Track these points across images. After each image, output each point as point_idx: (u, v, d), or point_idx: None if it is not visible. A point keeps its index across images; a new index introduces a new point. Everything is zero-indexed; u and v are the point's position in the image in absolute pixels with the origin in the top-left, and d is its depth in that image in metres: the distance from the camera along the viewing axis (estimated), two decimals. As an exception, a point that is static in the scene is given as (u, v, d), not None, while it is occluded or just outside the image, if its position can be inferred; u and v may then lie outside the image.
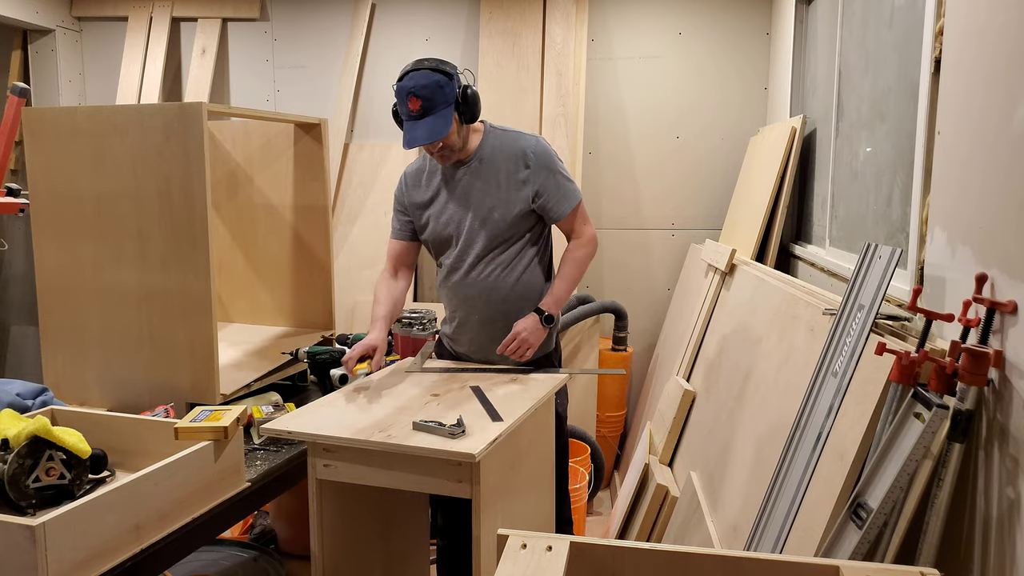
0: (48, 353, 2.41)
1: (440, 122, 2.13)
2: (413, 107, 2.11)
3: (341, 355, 2.43)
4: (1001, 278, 1.41)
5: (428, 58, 2.17)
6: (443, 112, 2.13)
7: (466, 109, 2.18)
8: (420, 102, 2.10)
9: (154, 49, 4.63)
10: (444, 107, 2.13)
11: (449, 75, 2.14)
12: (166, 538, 1.66)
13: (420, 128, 2.12)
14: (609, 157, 4.34)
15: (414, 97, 2.10)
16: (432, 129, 2.12)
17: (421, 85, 2.10)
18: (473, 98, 2.18)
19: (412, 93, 2.10)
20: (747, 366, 2.54)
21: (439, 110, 2.12)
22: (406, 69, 2.16)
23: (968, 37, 1.61)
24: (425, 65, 2.14)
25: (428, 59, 2.16)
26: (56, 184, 2.32)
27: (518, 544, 1.18)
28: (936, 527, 1.41)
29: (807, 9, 3.59)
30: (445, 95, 2.13)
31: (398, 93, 2.15)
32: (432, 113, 2.12)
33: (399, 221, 2.44)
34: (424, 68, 2.13)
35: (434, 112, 2.12)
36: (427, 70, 2.12)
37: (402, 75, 2.16)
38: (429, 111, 2.11)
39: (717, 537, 2.30)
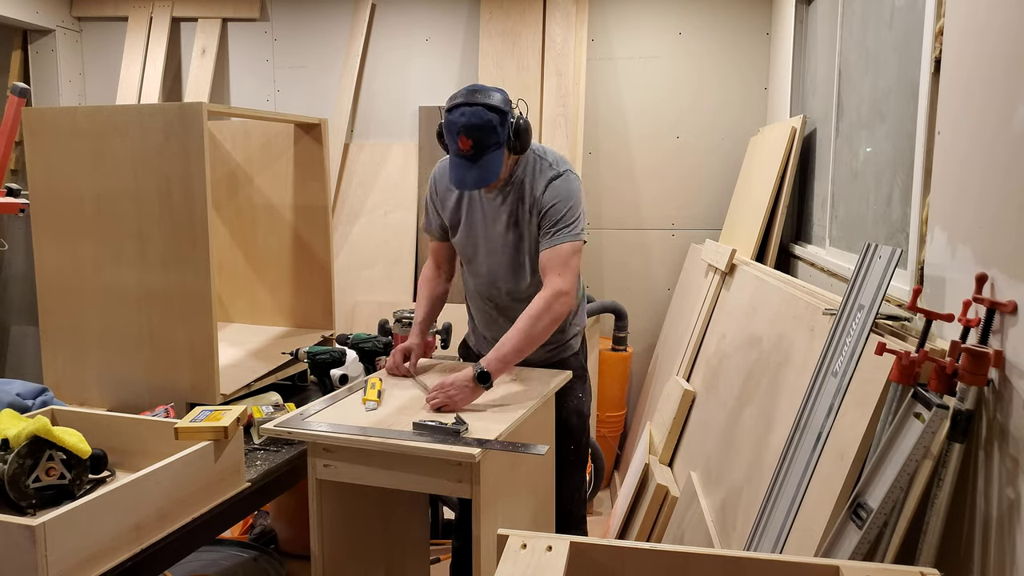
0: (48, 353, 2.41)
1: (492, 165, 2.02)
2: (463, 146, 2.00)
3: (341, 355, 2.43)
4: (1001, 278, 1.41)
5: (481, 90, 2.03)
6: (495, 155, 2.02)
7: (517, 143, 2.06)
8: (471, 143, 1.99)
9: (154, 49, 4.63)
10: (496, 149, 2.02)
11: (503, 112, 2.01)
12: (166, 538, 1.66)
13: (471, 171, 2.02)
14: (609, 157, 4.34)
15: (464, 137, 1.99)
16: (483, 174, 2.03)
17: (473, 125, 1.98)
18: (524, 130, 2.06)
19: (462, 132, 1.99)
20: (747, 366, 2.54)
21: (491, 152, 2.01)
22: (457, 100, 2.02)
23: (968, 37, 1.61)
24: (478, 100, 2.00)
25: (482, 91, 2.03)
26: (56, 184, 2.32)
27: (518, 544, 1.18)
28: (936, 527, 1.41)
29: (807, 9, 3.59)
30: (498, 136, 2.01)
31: (448, 127, 2.02)
32: (484, 155, 2.01)
33: (433, 221, 2.37)
34: (477, 103, 1.99)
35: (486, 154, 2.01)
36: (481, 107, 1.99)
37: (452, 105, 2.02)
38: (481, 154, 2.01)
39: (717, 537, 2.31)
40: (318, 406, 2.00)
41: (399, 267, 4.38)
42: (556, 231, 2.12)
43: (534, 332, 2.05)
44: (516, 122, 2.06)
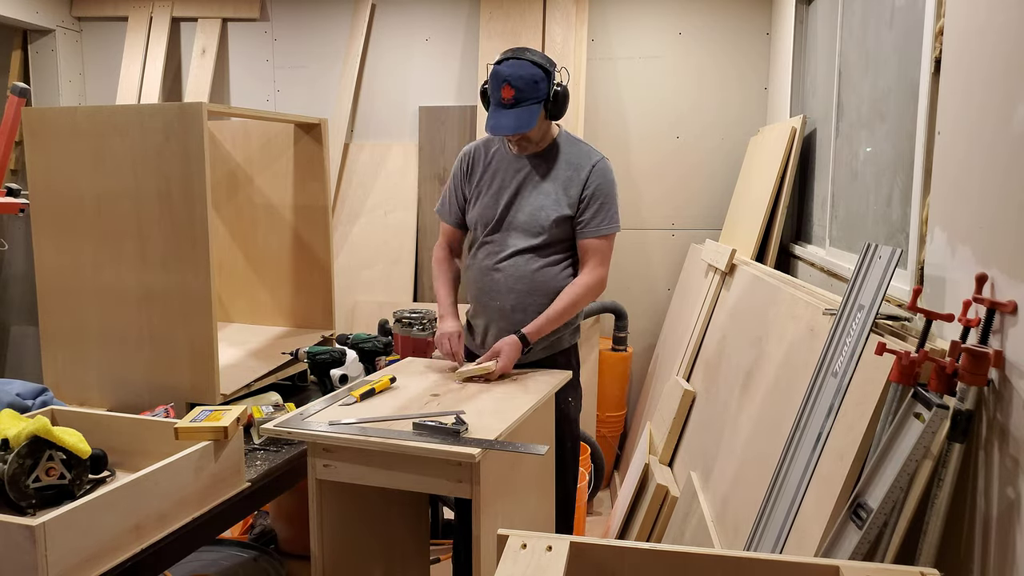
0: (48, 353, 2.41)
1: (528, 116, 2.16)
2: (506, 95, 2.14)
3: (341, 355, 2.44)
4: (1001, 278, 1.41)
5: (530, 48, 2.21)
6: (532, 107, 2.16)
7: (554, 107, 2.21)
8: (513, 92, 2.13)
9: (154, 49, 4.63)
10: (535, 102, 2.16)
11: (547, 72, 2.18)
12: (166, 538, 1.66)
13: (507, 117, 2.15)
14: (609, 157, 4.30)
15: (508, 85, 2.13)
16: (519, 122, 2.15)
17: (518, 75, 2.14)
18: (563, 97, 2.21)
19: (508, 81, 2.13)
20: (747, 366, 2.54)
21: (529, 103, 2.16)
22: (506, 55, 2.19)
23: (968, 37, 1.61)
24: (526, 56, 2.17)
25: (530, 50, 2.20)
26: (56, 184, 2.32)
27: (518, 544, 1.18)
28: (936, 527, 1.41)
29: (807, 9, 3.59)
30: (538, 90, 2.16)
31: (493, 76, 2.18)
32: (521, 105, 2.15)
33: (452, 203, 2.45)
34: (525, 59, 2.16)
35: (524, 104, 2.15)
36: (527, 62, 2.16)
37: (501, 59, 2.19)
38: (520, 103, 2.15)
39: (717, 537, 2.30)
40: (318, 406, 2.00)
41: (399, 267, 4.38)
42: (598, 219, 2.29)
43: (569, 310, 2.29)
44: (557, 86, 2.21)
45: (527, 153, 2.32)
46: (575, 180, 2.29)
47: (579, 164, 2.30)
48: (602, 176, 2.30)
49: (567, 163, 2.31)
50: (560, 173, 2.30)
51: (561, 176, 2.30)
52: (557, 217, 2.28)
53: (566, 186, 2.29)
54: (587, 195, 2.28)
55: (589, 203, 2.28)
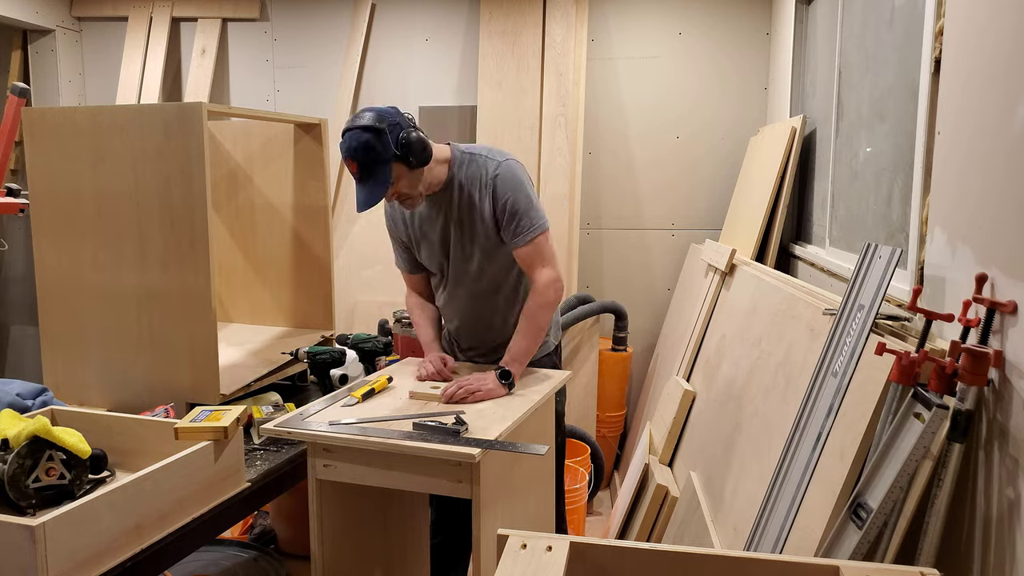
0: (48, 353, 2.41)
1: (377, 186, 2.04)
2: (352, 171, 2.04)
3: (341, 355, 2.44)
4: (1001, 278, 1.41)
5: (361, 112, 2.06)
6: (380, 173, 2.03)
7: (412, 156, 2.05)
8: (356, 165, 2.03)
9: (154, 49, 4.63)
10: (380, 166, 2.03)
11: (379, 131, 2.01)
12: (166, 538, 1.66)
13: (361, 193, 2.05)
14: (609, 157, 4.34)
15: (349, 160, 2.03)
16: (370, 195, 2.04)
17: (352, 148, 2.01)
18: (416, 144, 2.05)
19: (347, 157, 2.03)
20: (747, 366, 2.54)
21: (375, 171, 2.03)
22: (346, 126, 2.06)
23: (968, 37, 1.61)
24: (357, 123, 2.03)
25: (360, 114, 2.06)
26: (56, 184, 2.32)
27: (518, 544, 1.18)
28: (936, 527, 1.41)
29: (807, 9, 3.59)
30: (377, 155, 2.01)
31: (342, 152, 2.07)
32: (370, 177, 2.03)
33: (401, 254, 2.41)
34: (355, 128, 2.02)
35: (371, 176, 2.03)
36: (357, 130, 2.02)
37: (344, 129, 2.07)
38: (366, 175, 2.03)
39: (717, 537, 2.30)
40: (318, 406, 2.00)
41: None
42: (523, 225, 2.18)
43: (538, 323, 2.19)
44: (402, 136, 2.04)
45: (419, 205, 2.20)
46: (483, 198, 2.19)
47: (479, 180, 2.19)
48: (504, 182, 2.17)
49: (471, 184, 2.20)
50: (471, 196, 2.20)
51: (474, 198, 2.20)
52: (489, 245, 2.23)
53: (479, 207, 2.20)
54: (499, 207, 2.18)
55: (505, 215, 2.18)
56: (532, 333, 2.18)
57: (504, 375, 2.09)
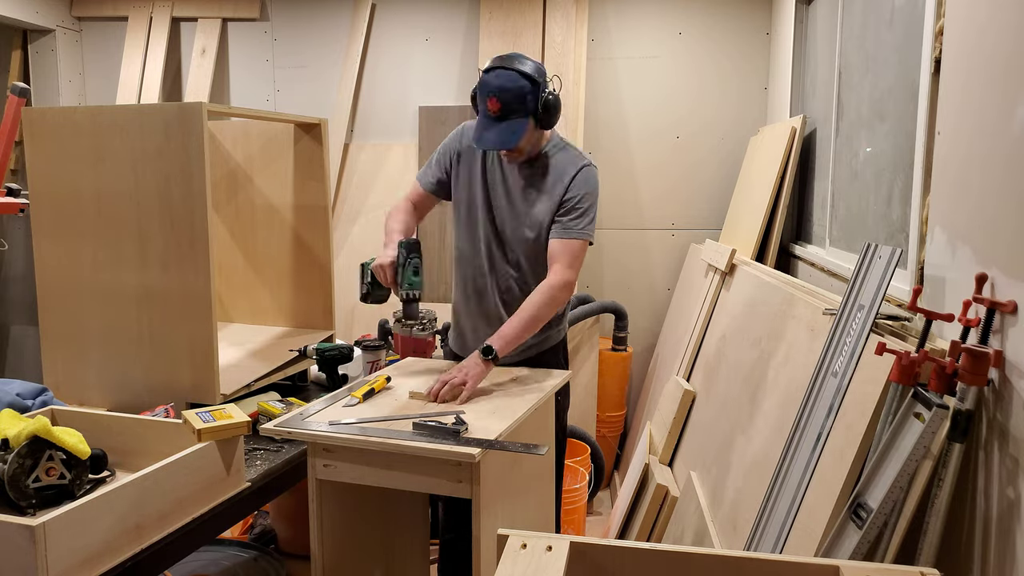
0: (48, 353, 2.41)
1: (513, 131, 2.08)
2: (492, 108, 2.06)
3: (349, 351, 2.45)
4: (1001, 278, 1.41)
5: (519, 57, 2.10)
6: (519, 121, 2.08)
7: (544, 117, 2.12)
8: (500, 106, 2.05)
9: (154, 49, 4.63)
10: (521, 116, 2.08)
11: (536, 82, 2.08)
12: (166, 538, 1.66)
13: (492, 132, 2.08)
14: (609, 157, 4.34)
15: (494, 98, 2.05)
16: (503, 138, 2.08)
17: (504, 88, 2.05)
18: (554, 106, 2.12)
19: (493, 94, 2.05)
20: (747, 366, 2.54)
21: (515, 118, 2.07)
22: (495, 63, 2.09)
23: (968, 37, 1.61)
24: (515, 66, 2.07)
25: (519, 58, 2.09)
26: (56, 184, 2.32)
27: (518, 544, 1.18)
28: (936, 527, 1.41)
29: (807, 9, 3.59)
30: (525, 104, 2.07)
31: (481, 86, 2.09)
32: (508, 119, 2.07)
33: (434, 170, 2.37)
34: (513, 69, 2.06)
35: (510, 118, 2.07)
36: (515, 72, 2.06)
37: (489, 67, 2.09)
38: (506, 116, 2.07)
39: (717, 537, 2.30)
40: (318, 406, 2.00)
41: (399, 267, 4.38)
42: (574, 223, 2.20)
43: (537, 316, 2.15)
44: (547, 96, 2.11)
45: (517, 161, 2.25)
46: (557, 186, 2.22)
47: (565, 171, 2.23)
48: (585, 182, 2.21)
49: (554, 170, 2.24)
50: (547, 181, 2.23)
51: (547, 184, 2.23)
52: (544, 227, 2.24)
53: (551, 195, 2.23)
54: (567, 198, 2.20)
55: (567, 206, 2.20)
56: (528, 323, 2.14)
57: (486, 351, 2.06)
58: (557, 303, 2.18)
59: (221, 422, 1.81)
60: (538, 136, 2.21)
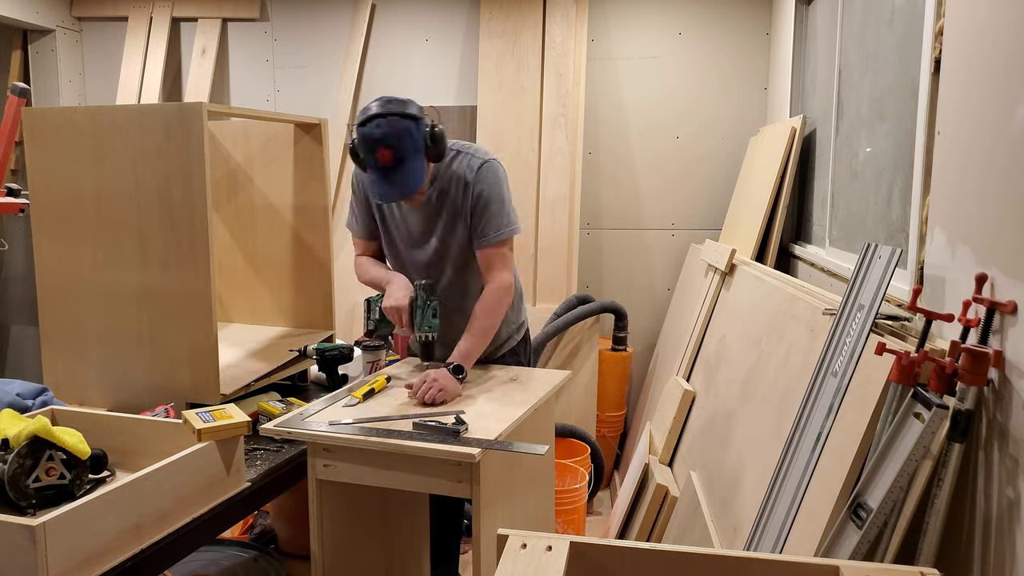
0: (48, 353, 2.41)
1: (414, 174, 2.02)
2: (383, 158, 1.98)
3: (350, 351, 2.45)
4: (1001, 278, 1.41)
5: (392, 99, 2.02)
6: (414, 164, 2.01)
7: (434, 150, 2.06)
8: (390, 153, 1.97)
9: (154, 49, 4.63)
10: (415, 155, 2.01)
11: (416, 119, 2.02)
12: (166, 538, 1.66)
13: (393, 183, 2.01)
14: (609, 157, 4.34)
15: (382, 148, 1.97)
16: (404, 188, 2.02)
17: (389, 135, 1.96)
18: (440, 137, 2.06)
19: (380, 143, 1.97)
20: (747, 366, 2.54)
21: (410, 160, 2.00)
22: (370, 112, 2.00)
23: (968, 37, 1.61)
24: (392, 110, 1.98)
25: (393, 101, 2.01)
26: (56, 184, 2.32)
27: (518, 544, 1.18)
28: (936, 527, 1.41)
29: (807, 9, 3.59)
30: (415, 143, 2.00)
31: (363, 140, 1.99)
32: (404, 164, 2.00)
33: (361, 216, 2.35)
34: (393, 114, 1.98)
35: (407, 163, 2.00)
36: (396, 116, 1.98)
37: (366, 118, 1.99)
38: (401, 163, 1.99)
39: (717, 537, 2.31)
40: (318, 406, 2.00)
41: (399, 267, 4.38)
42: (490, 228, 2.19)
43: (488, 324, 2.20)
44: (432, 129, 2.04)
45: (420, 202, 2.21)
46: (459, 197, 2.19)
47: (459, 179, 2.18)
48: (483, 182, 2.16)
49: (454, 182, 2.19)
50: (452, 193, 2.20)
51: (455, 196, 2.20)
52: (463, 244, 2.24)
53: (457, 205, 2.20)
54: (473, 205, 2.18)
55: (476, 213, 2.18)
56: (481, 333, 2.19)
57: (457, 370, 2.10)
58: (504, 305, 2.22)
59: (221, 422, 1.81)
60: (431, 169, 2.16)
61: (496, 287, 2.20)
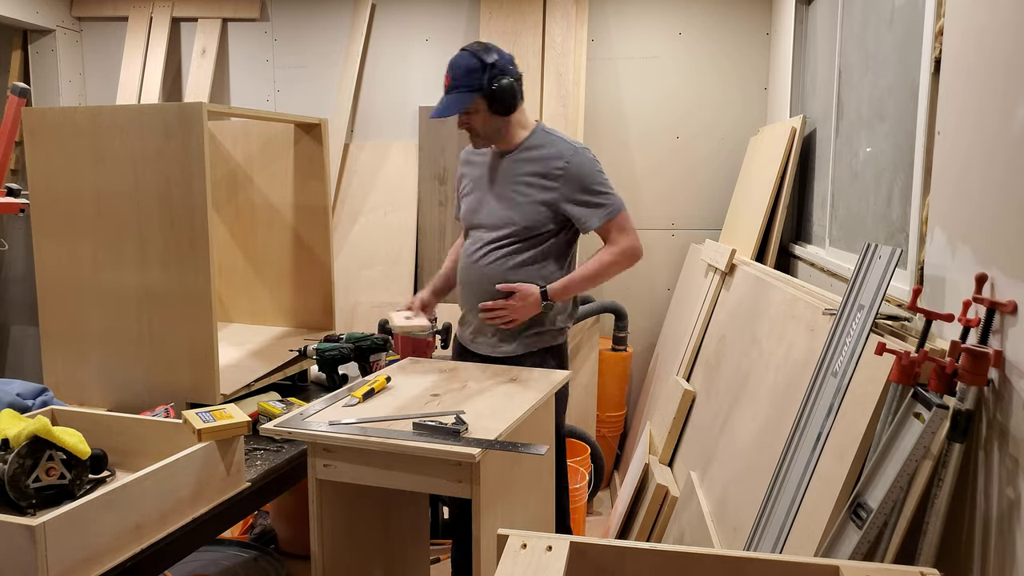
0: (48, 353, 2.41)
1: (454, 102, 2.22)
2: (445, 82, 2.25)
3: (349, 351, 2.45)
4: (1001, 278, 1.41)
5: (487, 45, 2.26)
6: (462, 95, 2.21)
7: (495, 101, 2.23)
8: (449, 79, 2.23)
9: (154, 49, 4.63)
10: (466, 90, 2.21)
11: (487, 64, 2.21)
12: (166, 538, 1.66)
13: (441, 103, 2.24)
14: (609, 157, 4.33)
15: (447, 73, 2.24)
16: (444, 106, 2.23)
17: (455, 64, 2.23)
18: (504, 92, 2.22)
19: (448, 68, 2.24)
20: (747, 366, 2.54)
21: (459, 91, 2.22)
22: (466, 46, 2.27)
23: (968, 37, 1.61)
24: (471, 47, 2.24)
25: (482, 44, 2.26)
26: (56, 184, 2.32)
27: (518, 544, 1.18)
28: (936, 527, 1.41)
29: (807, 9, 3.59)
30: (470, 80, 2.20)
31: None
32: (454, 91, 2.22)
33: (455, 202, 2.56)
34: (467, 49, 2.24)
35: (456, 91, 2.22)
36: (468, 52, 2.23)
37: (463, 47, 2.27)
38: (453, 90, 2.22)
39: (717, 537, 2.30)
40: (318, 406, 2.00)
41: (399, 267, 4.38)
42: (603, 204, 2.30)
43: (602, 269, 2.31)
44: (501, 81, 2.22)
45: (482, 147, 2.37)
46: (547, 174, 2.30)
47: (551, 157, 2.31)
48: (583, 168, 2.30)
49: (541, 157, 2.32)
50: (535, 166, 2.32)
51: (536, 170, 2.32)
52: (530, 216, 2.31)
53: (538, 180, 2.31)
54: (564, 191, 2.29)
55: (581, 195, 2.29)
56: (591, 274, 2.29)
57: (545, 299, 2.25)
58: (622, 266, 2.32)
59: (221, 422, 1.81)
60: (498, 123, 2.30)
61: (624, 247, 2.31)
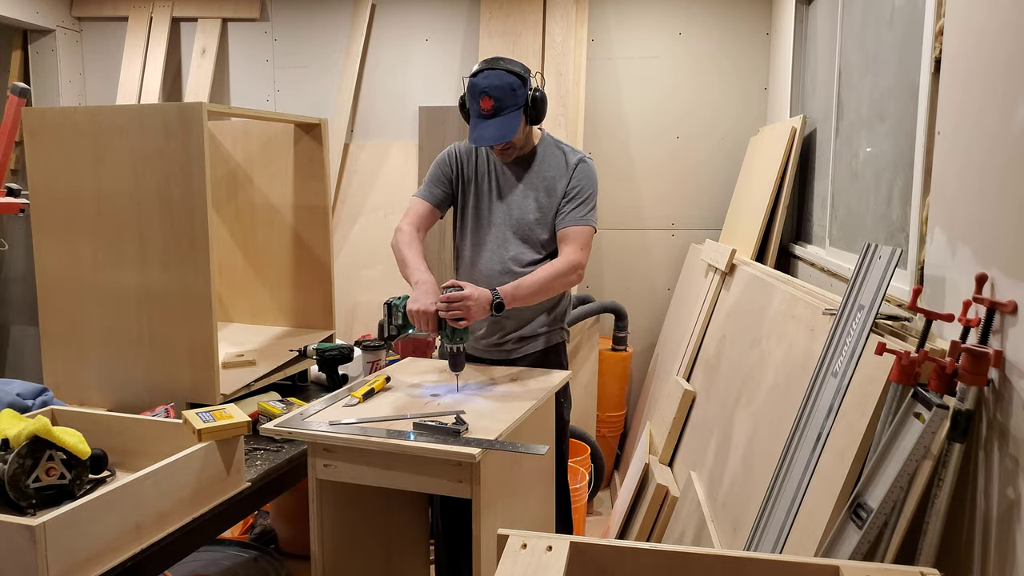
0: (48, 353, 2.41)
1: (509, 125, 2.19)
2: (485, 106, 2.17)
3: (349, 351, 2.45)
4: (1001, 278, 1.41)
5: (504, 58, 2.23)
6: (513, 114, 2.19)
7: (534, 112, 2.23)
8: (492, 102, 2.17)
9: (154, 49, 4.63)
10: (514, 110, 2.19)
11: (523, 78, 2.20)
12: (166, 538, 1.66)
13: (489, 128, 2.18)
14: (609, 157, 4.34)
15: (487, 96, 2.16)
16: (501, 131, 2.18)
17: (495, 85, 2.16)
18: (542, 101, 2.23)
19: (486, 92, 2.16)
20: (747, 366, 2.54)
21: (508, 112, 2.18)
22: (481, 66, 2.21)
23: (968, 37, 1.61)
24: (501, 66, 2.19)
25: (504, 59, 2.22)
26: (56, 184, 2.32)
27: (518, 544, 1.18)
28: (936, 527, 1.41)
29: (807, 9, 3.59)
30: (516, 98, 2.18)
31: (470, 89, 2.20)
32: (502, 114, 2.18)
33: (433, 188, 2.42)
34: (500, 68, 2.18)
35: (503, 114, 2.18)
36: (502, 71, 2.18)
37: (476, 71, 2.21)
38: (499, 112, 2.17)
39: (717, 537, 2.30)
40: (318, 406, 2.00)
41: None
42: (581, 210, 2.29)
43: (548, 285, 2.22)
44: (534, 91, 2.23)
45: (511, 159, 2.34)
46: (560, 179, 2.31)
47: (563, 164, 2.33)
48: (585, 174, 2.32)
49: (555, 164, 2.33)
50: (544, 176, 2.33)
51: (545, 178, 2.32)
52: (546, 221, 2.32)
53: (549, 189, 2.32)
54: (571, 187, 2.30)
55: (569, 196, 2.30)
56: (539, 286, 2.19)
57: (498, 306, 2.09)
58: (568, 281, 2.25)
59: (221, 422, 1.81)
60: (528, 132, 2.31)
61: (569, 260, 2.24)
